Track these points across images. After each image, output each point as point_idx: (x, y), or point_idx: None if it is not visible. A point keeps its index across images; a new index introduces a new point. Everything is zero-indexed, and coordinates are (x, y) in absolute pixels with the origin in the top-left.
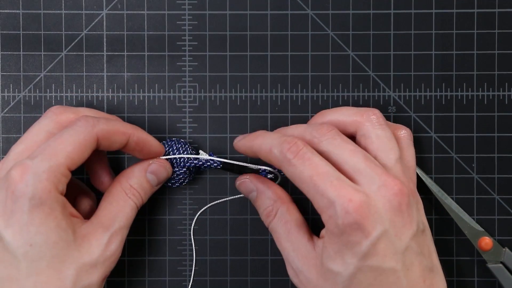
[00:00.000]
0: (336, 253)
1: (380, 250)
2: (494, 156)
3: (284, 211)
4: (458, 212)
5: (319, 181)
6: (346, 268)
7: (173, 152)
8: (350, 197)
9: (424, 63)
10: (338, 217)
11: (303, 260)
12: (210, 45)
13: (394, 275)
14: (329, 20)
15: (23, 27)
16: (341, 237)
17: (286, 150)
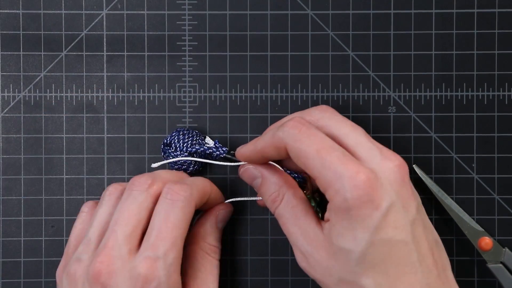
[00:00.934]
0: (345, 230)
1: (391, 222)
2: (494, 156)
3: (291, 196)
4: (458, 212)
5: (325, 155)
6: (358, 243)
7: (178, 137)
8: (357, 169)
9: (424, 63)
10: (347, 191)
11: (312, 243)
12: (210, 45)
13: (406, 247)
14: (329, 20)
15: (23, 27)
16: (350, 212)
17: (290, 127)
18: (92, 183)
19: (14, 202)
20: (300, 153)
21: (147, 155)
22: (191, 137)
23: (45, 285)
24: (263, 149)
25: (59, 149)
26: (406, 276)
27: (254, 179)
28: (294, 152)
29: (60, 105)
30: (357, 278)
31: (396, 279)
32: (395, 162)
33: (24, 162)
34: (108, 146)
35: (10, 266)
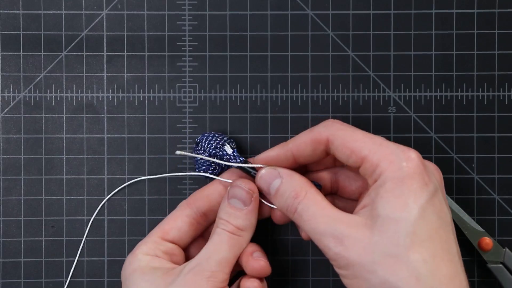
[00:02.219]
0: (397, 198)
1: (437, 203)
2: (494, 156)
3: (314, 192)
4: (458, 212)
5: (373, 136)
6: (409, 212)
7: (206, 138)
8: (408, 148)
9: (424, 64)
10: (402, 160)
11: (348, 225)
12: (210, 46)
13: (450, 234)
14: (329, 21)
15: (23, 27)
16: (402, 181)
17: (331, 122)
18: (92, 183)
19: (14, 202)
20: (346, 137)
21: (147, 155)
22: (217, 140)
23: (45, 285)
24: (297, 147)
25: (59, 150)
26: (449, 263)
27: (274, 180)
28: (339, 140)
29: (60, 105)
30: (404, 252)
31: (440, 261)
32: (434, 164)
33: (24, 163)
34: (108, 146)
35: (10, 266)
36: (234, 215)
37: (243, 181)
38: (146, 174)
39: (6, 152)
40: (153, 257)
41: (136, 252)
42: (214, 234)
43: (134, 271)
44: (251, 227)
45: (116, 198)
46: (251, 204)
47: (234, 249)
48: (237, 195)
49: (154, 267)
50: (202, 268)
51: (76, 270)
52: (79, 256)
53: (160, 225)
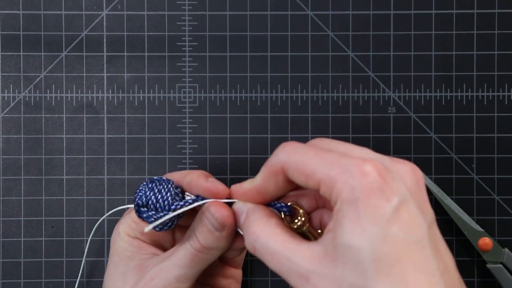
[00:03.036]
0: (353, 223)
1: (404, 218)
2: (494, 156)
3: (273, 225)
4: (458, 213)
5: (325, 154)
6: (368, 237)
7: (154, 193)
8: (364, 160)
9: (424, 64)
10: (355, 178)
11: (312, 259)
12: (210, 46)
13: (424, 251)
14: (329, 21)
15: (23, 27)
16: (357, 202)
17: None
18: (92, 183)
19: (14, 202)
20: (298, 163)
21: (147, 156)
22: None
23: (45, 286)
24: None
25: (59, 150)
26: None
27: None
28: (292, 166)
29: (60, 105)
30: (372, 283)
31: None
32: (408, 165)
33: (24, 163)
34: (108, 146)
35: (10, 267)
36: (206, 235)
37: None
38: (146, 174)
39: (6, 152)
40: (133, 240)
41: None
42: (181, 247)
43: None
44: (222, 248)
45: (115, 198)
46: (224, 231)
47: (197, 266)
48: (210, 221)
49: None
50: (158, 283)
51: (75, 270)
52: (79, 256)
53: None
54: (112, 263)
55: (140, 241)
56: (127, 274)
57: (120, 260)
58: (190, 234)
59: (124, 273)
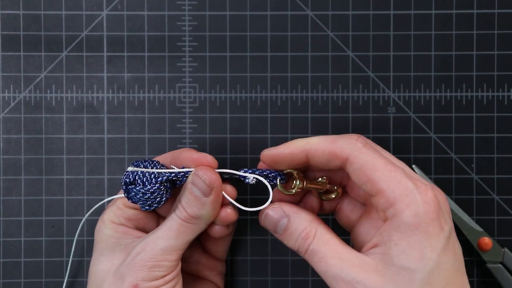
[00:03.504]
0: (412, 247)
1: (451, 246)
2: (493, 156)
3: (323, 230)
4: (458, 213)
5: (394, 169)
6: (426, 263)
7: (141, 172)
8: (426, 187)
9: (424, 64)
10: (419, 205)
11: (360, 270)
12: (210, 46)
13: (463, 277)
14: (328, 21)
15: (24, 27)
16: (418, 228)
17: (355, 139)
18: (92, 183)
19: (15, 202)
20: (367, 164)
21: (147, 156)
22: (154, 166)
23: (46, 285)
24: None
25: (60, 150)
26: None
27: (279, 220)
28: (359, 163)
29: (60, 105)
30: None
31: None
32: (444, 195)
33: (24, 163)
34: (108, 146)
35: (11, 266)
36: (192, 203)
37: (206, 171)
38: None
39: (6, 152)
40: (117, 227)
41: (104, 219)
42: (168, 218)
43: (100, 240)
44: (208, 217)
45: None
46: (211, 196)
47: (183, 236)
48: (197, 185)
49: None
50: (145, 256)
51: (76, 270)
52: (79, 256)
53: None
54: (98, 250)
55: (125, 227)
56: (113, 256)
57: (105, 247)
58: (177, 205)
59: (110, 256)
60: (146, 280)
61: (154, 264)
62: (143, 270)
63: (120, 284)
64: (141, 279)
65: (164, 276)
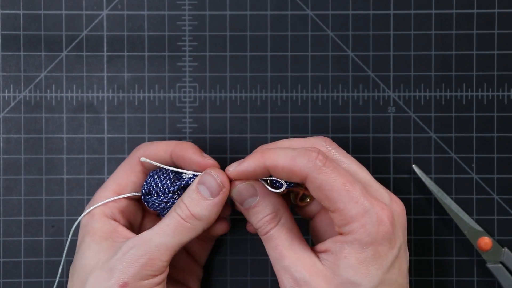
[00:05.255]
0: (360, 263)
1: (397, 263)
2: (493, 156)
3: (288, 219)
4: (458, 212)
5: (352, 189)
6: (371, 279)
7: (154, 182)
8: (382, 206)
9: (424, 64)
10: (373, 225)
11: (310, 271)
12: (210, 46)
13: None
14: (328, 21)
15: (24, 27)
16: (370, 247)
17: (314, 158)
18: (92, 183)
19: (15, 202)
20: (325, 184)
21: None
22: (167, 176)
23: (46, 285)
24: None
25: (60, 149)
26: None
27: (249, 197)
28: (317, 183)
29: (60, 105)
30: None
31: None
32: (401, 207)
33: (24, 162)
34: (108, 146)
35: (11, 266)
36: (196, 202)
37: (217, 171)
38: None
39: (6, 152)
40: (109, 221)
41: (94, 212)
42: (168, 215)
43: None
44: (209, 220)
45: None
46: (217, 197)
47: (179, 236)
48: (207, 183)
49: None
50: (138, 252)
51: None
52: None
53: (114, 178)
54: (84, 243)
55: (116, 222)
56: (100, 252)
57: (92, 240)
58: (179, 204)
59: (97, 252)
60: (136, 278)
61: (146, 261)
62: (134, 266)
63: (108, 278)
64: (131, 276)
65: (153, 277)
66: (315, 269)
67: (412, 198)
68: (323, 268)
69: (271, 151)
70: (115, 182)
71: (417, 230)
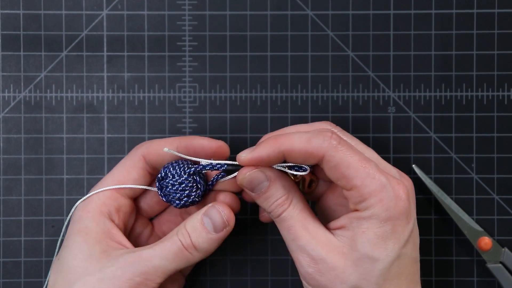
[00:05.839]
0: (378, 238)
1: (412, 238)
2: (493, 156)
3: (299, 199)
4: (458, 212)
5: (368, 165)
6: (388, 254)
7: (172, 166)
8: (398, 182)
9: (424, 64)
10: (391, 200)
11: (326, 248)
12: (210, 46)
13: (416, 265)
14: (328, 21)
15: (24, 27)
16: (387, 222)
17: (329, 137)
18: (92, 183)
19: (15, 202)
20: (342, 162)
21: None
22: (185, 162)
23: None
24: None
25: (60, 149)
26: None
27: (259, 184)
28: (334, 162)
29: (60, 105)
30: None
31: None
32: (411, 182)
33: (24, 162)
34: (108, 146)
35: (11, 266)
36: (199, 233)
37: (224, 207)
38: None
39: (6, 152)
40: (104, 220)
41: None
42: (169, 238)
43: (79, 232)
44: (207, 253)
45: None
46: (220, 233)
47: (177, 262)
48: (212, 217)
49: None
50: (135, 270)
51: None
52: None
53: (114, 174)
54: (75, 242)
55: (112, 223)
56: (91, 257)
57: (85, 241)
58: (182, 230)
59: (88, 255)
60: None
61: (141, 280)
62: (128, 283)
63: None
64: None
65: None
66: (331, 246)
67: None
68: (340, 244)
69: (284, 136)
70: (115, 179)
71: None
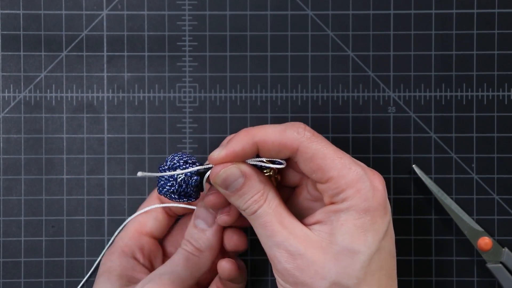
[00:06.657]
0: (358, 230)
1: (390, 231)
2: (493, 156)
3: (274, 194)
4: (458, 212)
5: (343, 155)
6: (369, 246)
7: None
8: (374, 173)
9: (424, 64)
10: (369, 191)
11: (304, 243)
12: (210, 46)
13: (394, 260)
14: (329, 21)
15: (24, 27)
16: (366, 213)
17: (303, 129)
18: (92, 183)
19: (15, 202)
20: (317, 153)
21: (147, 155)
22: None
23: (46, 285)
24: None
25: (60, 149)
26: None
27: (234, 181)
28: (309, 153)
29: (60, 105)
30: (355, 284)
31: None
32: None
33: (24, 162)
34: (108, 146)
35: (11, 266)
36: (196, 236)
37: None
38: None
39: (6, 152)
40: (127, 259)
41: (113, 250)
42: (176, 253)
43: (103, 272)
44: (212, 248)
45: (115, 198)
46: (214, 226)
47: (190, 269)
48: (201, 216)
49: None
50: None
51: (76, 270)
52: (79, 256)
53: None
54: (100, 282)
55: (135, 261)
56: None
57: (107, 279)
58: (183, 241)
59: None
60: None
61: None
62: None
63: None
64: None
65: None
66: (310, 240)
67: (412, 198)
68: (318, 239)
69: (256, 128)
70: (135, 221)
71: (417, 230)
